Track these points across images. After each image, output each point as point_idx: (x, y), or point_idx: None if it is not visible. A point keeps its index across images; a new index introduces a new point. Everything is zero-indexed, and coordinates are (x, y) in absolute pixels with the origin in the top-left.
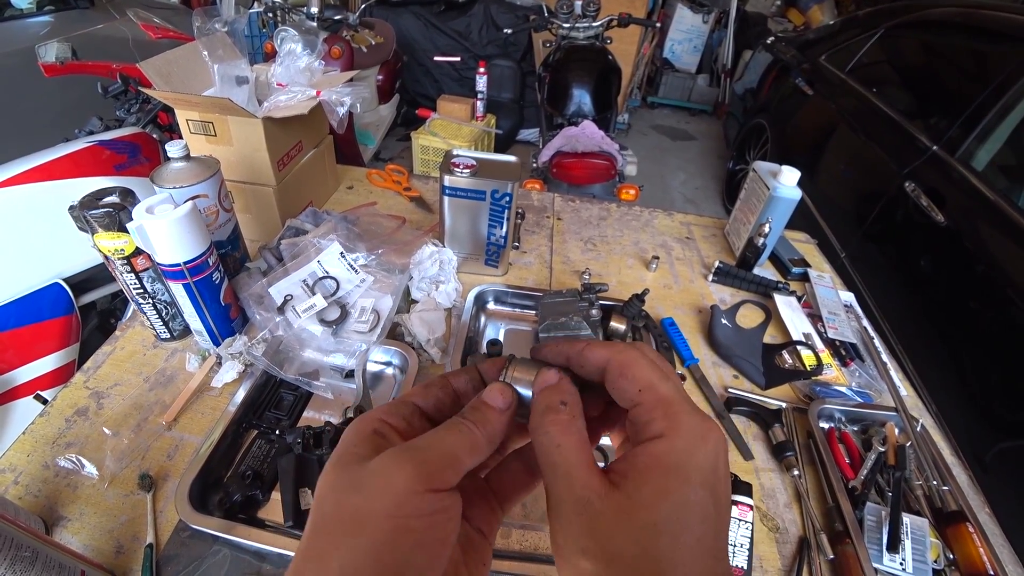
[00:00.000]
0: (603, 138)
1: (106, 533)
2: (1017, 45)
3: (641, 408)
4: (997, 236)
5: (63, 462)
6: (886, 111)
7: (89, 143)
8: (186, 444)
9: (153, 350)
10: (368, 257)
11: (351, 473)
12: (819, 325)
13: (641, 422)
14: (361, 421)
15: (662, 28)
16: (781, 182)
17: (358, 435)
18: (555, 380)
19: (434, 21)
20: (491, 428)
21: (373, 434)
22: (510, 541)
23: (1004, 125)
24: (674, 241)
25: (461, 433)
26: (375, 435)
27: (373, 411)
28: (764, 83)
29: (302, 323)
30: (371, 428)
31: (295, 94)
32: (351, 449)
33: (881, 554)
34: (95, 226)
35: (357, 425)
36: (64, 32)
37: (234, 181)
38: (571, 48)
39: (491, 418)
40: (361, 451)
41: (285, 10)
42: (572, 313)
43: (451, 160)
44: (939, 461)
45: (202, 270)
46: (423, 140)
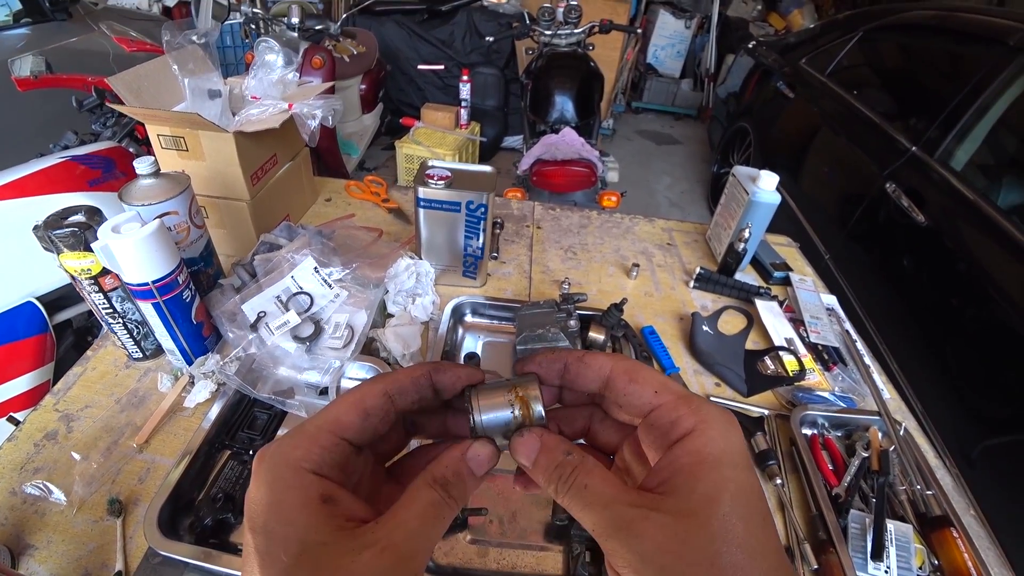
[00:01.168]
0: (583, 145)
1: (74, 561)
2: (992, 47)
3: (662, 409)
4: (976, 235)
5: (30, 488)
6: (866, 113)
7: (62, 158)
8: (157, 467)
9: (125, 370)
10: (343, 271)
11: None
12: (801, 329)
13: (666, 422)
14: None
15: (645, 34)
16: (760, 187)
17: (307, 508)
18: (539, 443)
19: (417, 30)
20: (468, 499)
21: (325, 505)
22: (487, 560)
23: (981, 125)
24: (655, 248)
25: (444, 520)
26: (328, 507)
27: (297, 455)
28: (747, 87)
29: (276, 340)
30: (317, 493)
31: (267, 107)
32: (313, 536)
33: (866, 562)
34: (60, 246)
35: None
36: (41, 45)
37: (207, 196)
38: (553, 55)
39: (471, 488)
40: (327, 538)
41: (267, 21)
42: (550, 324)
43: (425, 171)
44: (923, 465)
45: (172, 288)
46: (407, 149)
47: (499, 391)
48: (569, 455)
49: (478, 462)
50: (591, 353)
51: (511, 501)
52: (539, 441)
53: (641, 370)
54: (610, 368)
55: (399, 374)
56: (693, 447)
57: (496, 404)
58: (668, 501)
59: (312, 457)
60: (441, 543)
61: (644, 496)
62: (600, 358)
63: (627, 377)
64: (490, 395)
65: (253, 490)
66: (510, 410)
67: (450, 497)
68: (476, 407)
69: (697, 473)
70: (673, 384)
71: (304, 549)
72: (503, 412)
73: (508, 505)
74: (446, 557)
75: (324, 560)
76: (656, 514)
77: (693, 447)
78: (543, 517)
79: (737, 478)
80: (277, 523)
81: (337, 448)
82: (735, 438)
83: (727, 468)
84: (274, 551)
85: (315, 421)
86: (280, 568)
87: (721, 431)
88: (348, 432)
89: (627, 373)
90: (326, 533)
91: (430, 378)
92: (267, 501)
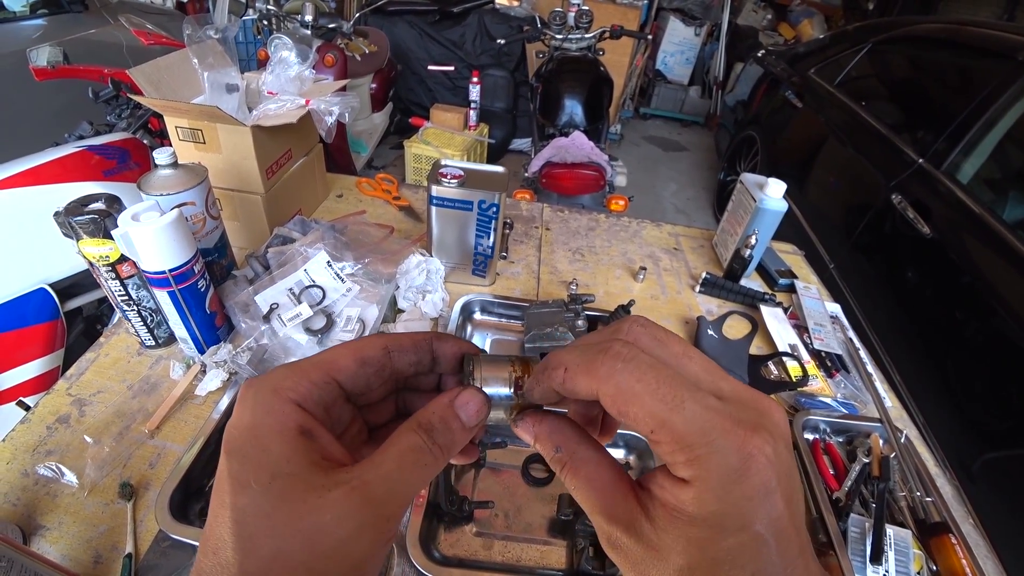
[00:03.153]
0: (592, 149)
1: (85, 543)
2: (1000, 61)
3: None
4: (981, 248)
5: (43, 470)
6: (874, 124)
7: (78, 148)
8: (168, 453)
9: (137, 357)
10: (355, 266)
11: (297, 513)
12: (805, 336)
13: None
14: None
15: (655, 40)
16: (767, 194)
17: (282, 436)
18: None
19: (428, 30)
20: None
21: (301, 437)
22: (492, 553)
23: (988, 139)
24: (662, 252)
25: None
26: (304, 439)
27: (285, 384)
28: (755, 95)
29: (288, 332)
30: (295, 424)
31: (284, 103)
32: (285, 467)
33: (864, 566)
34: (80, 232)
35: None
36: (57, 36)
37: (222, 188)
38: (563, 59)
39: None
40: (298, 469)
41: (280, 18)
42: (558, 324)
43: (439, 170)
44: (923, 472)
45: (187, 278)
46: (416, 149)
47: (501, 364)
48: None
49: (467, 411)
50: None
51: (516, 495)
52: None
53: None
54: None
55: (401, 335)
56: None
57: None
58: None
59: (299, 388)
60: (447, 535)
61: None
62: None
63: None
64: (492, 367)
65: (234, 414)
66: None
67: (434, 444)
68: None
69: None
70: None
71: (274, 478)
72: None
73: (513, 499)
74: (452, 549)
75: (292, 492)
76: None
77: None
78: (548, 512)
79: (715, 547)
80: (252, 448)
81: (326, 387)
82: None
83: (708, 531)
84: (245, 476)
85: (311, 359)
86: (248, 495)
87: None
88: (341, 375)
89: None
90: (299, 465)
91: (431, 344)
92: (246, 425)
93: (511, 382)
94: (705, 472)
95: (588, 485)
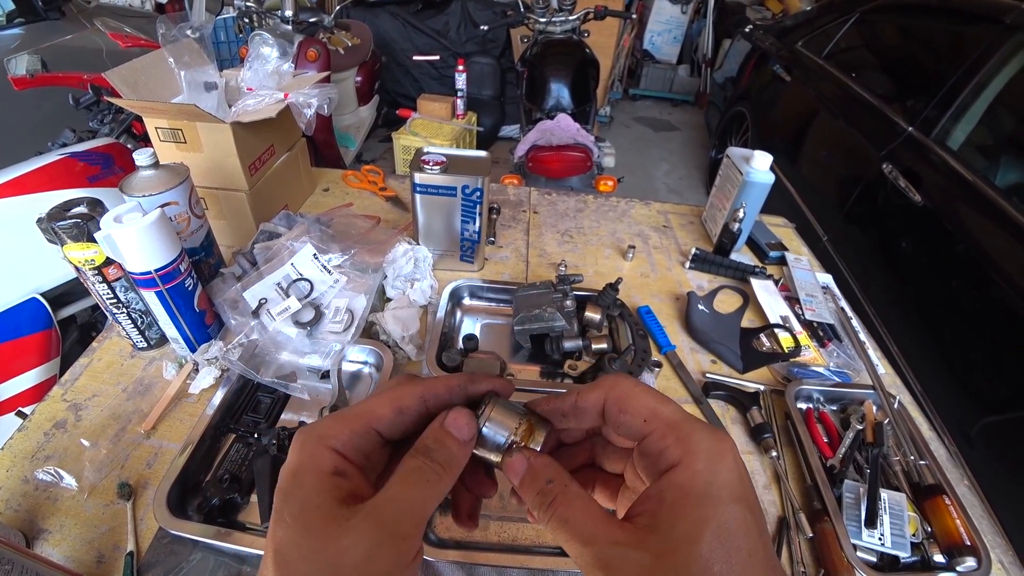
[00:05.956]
0: (578, 131)
1: (87, 544)
2: (988, 25)
3: (651, 438)
4: (973, 214)
5: (42, 475)
6: (863, 94)
7: (61, 155)
8: (165, 451)
9: (130, 360)
10: (341, 258)
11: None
12: (796, 307)
13: (654, 452)
14: (317, 448)
15: (641, 20)
16: (754, 167)
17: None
18: (525, 466)
19: (411, 20)
20: (456, 465)
21: (334, 476)
22: (488, 533)
23: (977, 105)
24: (651, 230)
25: (429, 485)
26: (336, 478)
27: (330, 432)
28: (744, 71)
29: (277, 326)
30: (330, 466)
31: (263, 98)
32: (314, 500)
33: (860, 530)
34: (63, 237)
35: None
36: (35, 44)
37: (206, 187)
38: (548, 42)
39: (456, 454)
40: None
41: (260, 14)
42: (546, 305)
43: (421, 157)
44: (917, 436)
45: (174, 277)
46: (404, 140)
47: (514, 414)
48: (550, 483)
49: (456, 426)
50: (582, 394)
51: None
52: (526, 464)
53: (631, 399)
54: (603, 401)
55: (437, 381)
56: (678, 481)
57: (504, 423)
58: (650, 539)
59: (340, 436)
60: (442, 518)
61: (626, 532)
62: (592, 395)
63: (617, 408)
64: (504, 412)
65: (286, 459)
66: (510, 433)
67: (433, 462)
68: (488, 414)
69: (679, 510)
70: (664, 409)
71: (303, 511)
72: (504, 432)
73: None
74: (448, 531)
75: (318, 523)
76: (636, 552)
77: (678, 481)
78: None
79: (720, 515)
80: (291, 486)
81: (366, 435)
82: (724, 469)
83: (710, 505)
84: (282, 511)
85: (354, 409)
86: (283, 527)
87: (708, 463)
88: (380, 424)
89: (618, 403)
90: (326, 500)
91: (465, 388)
92: (291, 467)
93: (510, 437)
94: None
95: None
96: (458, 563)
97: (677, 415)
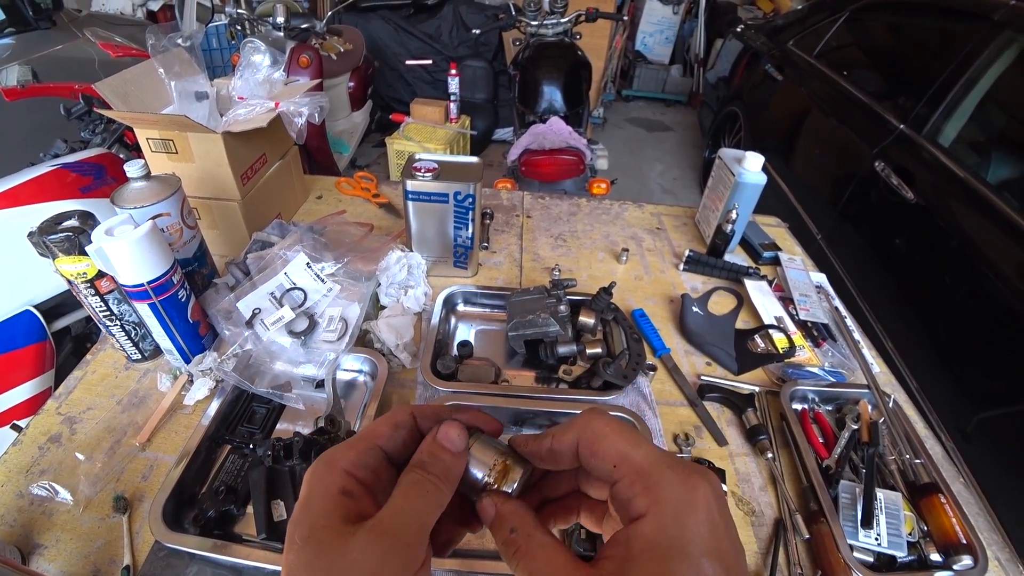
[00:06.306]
0: (571, 134)
1: (83, 558)
2: (976, 22)
3: (620, 485)
4: (965, 210)
5: (37, 490)
6: (854, 93)
7: (53, 166)
8: (160, 464)
9: (125, 372)
10: (335, 266)
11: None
12: (791, 308)
13: (624, 499)
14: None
15: (633, 21)
16: (746, 168)
17: (326, 498)
18: (492, 513)
19: (404, 25)
20: (452, 476)
21: (341, 496)
22: (485, 541)
23: (967, 101)
24: (645, 232)
25: (428, 495)
26: (344, 497)
27: (337, 456)
28: (736, 71)
29: (271, 336)
30: (338, 487)
31: (254, 107)
32: (321, 521)
33: (856, 530)
34: (55, 251)
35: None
36: (25, 55)
37: (198, 197)
38: (540, 45)
39: (450, 465)
40: (333, 522)
41: (252, 21)
42: (540, 310)
43: (413, 164)
44: (912, 435)
45: (167, 289)
46: (398, 145)
47: (492, 452)
48: (513, 532)
49: (448, 439)
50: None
51: None
52: (493, 512)
53: (602, 441)
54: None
55: (426, 407)
56: (643, 532)
57: (482, 461)
58: None
59: (348, 457)
60: None
61: None
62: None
63: (589, 451)
64: (483, 449)
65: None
66: (485, 472)
67: (429, 474)
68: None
69: (643, 563)
70: (635, 453)
71: (312, 532)
72: (479, 471)
73: None
74: None
75: (326, 541)
76: None
77: (643, 532)
78: None
79: (685, 571)
80: (302, 513)
81: (370, 452)
82: (694, 522)
83: (676, 560)
84: (293, 535)
85: (358, 433)
86: (294, 550)
87: (676, 513)
88: (380, 439)
89: (588, 447)
90: (334, 519)
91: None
92: (303, 496)
93: (484, 477)
94: (660, 501)
95: (546, 566)
96: (455, 571)
97: (648, 460)
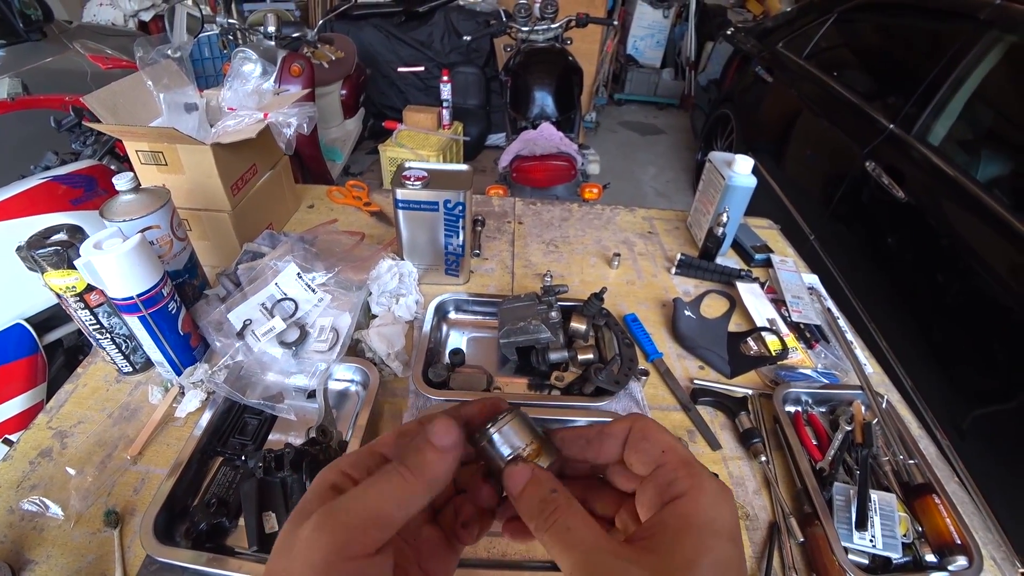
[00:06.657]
0: (562, 139)
1: (74, 573)
2: (963, 22)
3: (666, 468)
4: (955, 208)
5: (27, 505)
6: (844, 93)
7: (43, 179)
8: (152, 477)
9: (116, 385)
10: (326, 276)
11: (289, 534)
12: (783, 309)
13: (666, 481)
14: (325, 472)
15: (624, 25)
16: (736, 171)
17: (315, 490)
18: (530, 474)
19: (395, 32)
20: (432, 473)
21: (330, 489)
22: (477, 549)
23: (956, 100)
24: (636, 237)
25: (391, 485)
26: (331, 490)
27: (340, 460)
28: (727, 74)
29: (262, 347)
30: (330, 481)
31: (243, 118)
32: (304, 506)
33: (851, 533)
34: (44, 265)
35: (320, 477)
36: (16, 67)
37: (189, 209)
38: (531, 51)
39: (432, 461)
40: (311, 508)
41: (243, 31)
42: (531, 317)
43: (403, 173)
44: (906, 435)
45: (157, 301)
46: (391, 152)
47: (529, 433)
48: (555, 492)
49: (434, 433)
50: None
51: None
52: (530, 473)
53: (654, 431)
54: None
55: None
56: (683, 510)
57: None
58: (649, 557)
59: (347, 459)
60: None
61: (626, 548)
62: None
63: (641, 435)
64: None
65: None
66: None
67: (402, 465)
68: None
69: (682, 536)
70: (680, 448)
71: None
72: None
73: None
74: None
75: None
76: (635, 568)
77: (683, 510)
78: None
79: (718, 547)
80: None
81: (371, 456)
82: (725, 509)
83: (711, 536)
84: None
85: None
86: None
87: (712, 500)
88: (385, 448)
89: (642, 431)
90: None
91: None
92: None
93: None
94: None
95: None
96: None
97: (690, 457)
